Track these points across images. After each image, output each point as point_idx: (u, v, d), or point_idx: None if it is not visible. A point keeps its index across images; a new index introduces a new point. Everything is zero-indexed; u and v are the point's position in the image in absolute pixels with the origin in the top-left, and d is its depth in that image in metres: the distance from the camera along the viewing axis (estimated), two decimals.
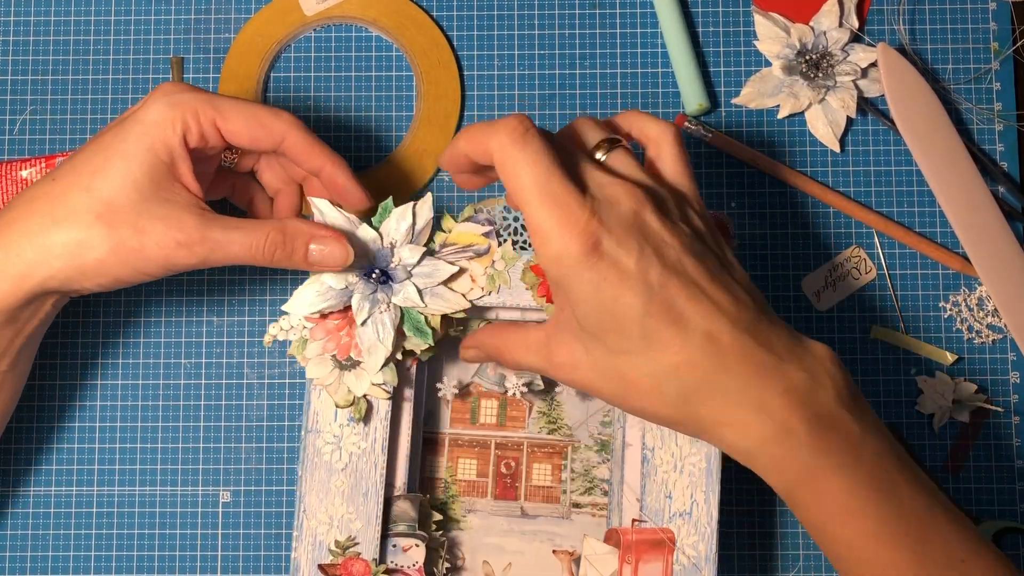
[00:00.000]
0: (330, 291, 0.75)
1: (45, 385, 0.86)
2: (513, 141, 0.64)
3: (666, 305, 0.63)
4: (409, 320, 0.75)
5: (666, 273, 0.63)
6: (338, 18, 0.88)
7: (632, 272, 0.63)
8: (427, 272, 0.76)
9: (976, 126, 0.88)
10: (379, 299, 0.75)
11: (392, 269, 0.76)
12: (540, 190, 0.63)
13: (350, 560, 0.76)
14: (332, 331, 0.76)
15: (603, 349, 0.65)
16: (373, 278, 0.75)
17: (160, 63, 0.89)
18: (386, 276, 0.76)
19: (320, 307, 0.75)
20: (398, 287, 0.76)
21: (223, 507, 0.85)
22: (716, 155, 0.88)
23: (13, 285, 0.70)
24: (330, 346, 0.76)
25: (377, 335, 0.75)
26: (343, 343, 0.76)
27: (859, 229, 0.87)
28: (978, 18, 0.89)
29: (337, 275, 0.75)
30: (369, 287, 0.75)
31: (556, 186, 0.63)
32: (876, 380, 0.86)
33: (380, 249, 0.76)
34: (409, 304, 0.75)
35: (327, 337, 0.76)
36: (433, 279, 0.76)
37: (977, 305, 0.86)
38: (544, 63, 0.89)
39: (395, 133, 0.88)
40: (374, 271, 0.75)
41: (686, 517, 0.76)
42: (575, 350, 0.66)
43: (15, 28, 0.89)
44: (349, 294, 0.75)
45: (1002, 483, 0.86)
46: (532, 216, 0.64)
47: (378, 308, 0.75)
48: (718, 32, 0.89)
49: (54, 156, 0.86)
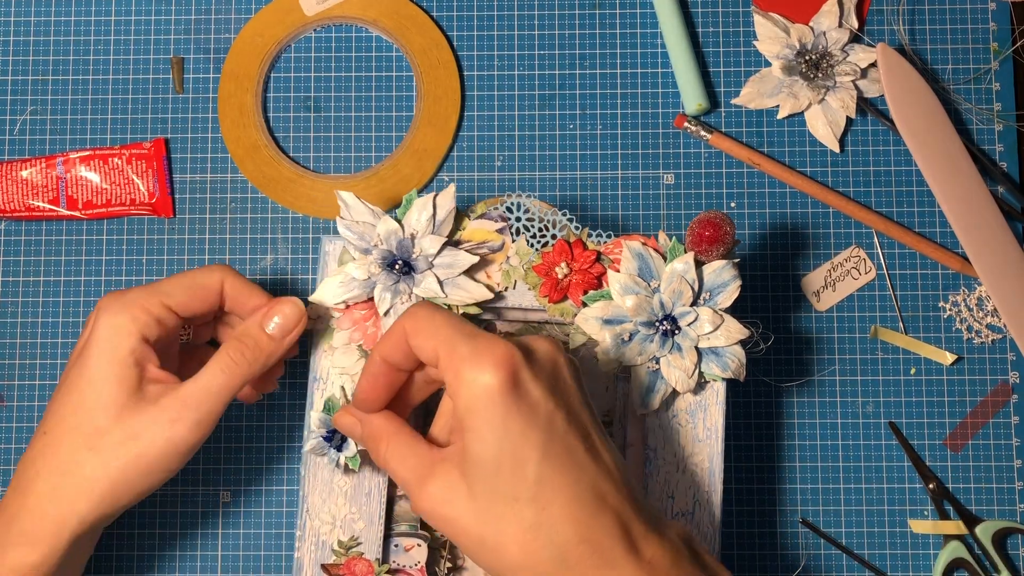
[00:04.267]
0: (353, 282, 0.76)
1: (45, 386, 0.86)
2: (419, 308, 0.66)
3: (567, 452, 0.62)
4: None
5: (569, 421, 0.63)
6: (338, 18, 0.88)
7: (542, 412, 0.62)
8: (448, 263, 0.76)
9: (976, 126, 0.88)
10: (401, 290, 0.76)
11: (413, 260, 0.76)
12: (457, 329, 0.63)
13: (353, 560, 0.76)
14: (358, 321, 0.77)
15: (489, 493, 0.62)
16: (395, 269, 0.76)
17: (160, 63, 0.89)
18: (408, 267, 0.76)
19: (344, 297, 0.76)
20: (420, 278, 0.76)
21: (223, 507, 0.85)
22: (716, 155, 0.88)
23: (52, 544, 0.71)
24: (356, 336, 0.77)
25: None
26: (369, 333, 0.77)
27: (859, 229, 0.87)
28: (978, 18, 0.89)
29: (360, 266, 0.75)
30: (391, 278, 0.76)
31: (473, 328, 0.64)
32: (876, 380, 0.86)
33: (402, 240, 0.76)
34: (430, 295, 0.76)
35: (354, 327, 0.77)
36: (454, 269, 0.76)
37: (977, 305, 0.87)
38: (544, 63, 0.89)
39: (395, 133, 0.88)
40: (396, 262, 0.76)
41: (689, 517, 0.76)
42: (455, 486, 0.63)
43: (15, 28, 0.89)
44: (372, 285, 0.76)
45: (1002, 483, 0.86)
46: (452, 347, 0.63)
47: (400, 298, 0.76)
48: (718, 32, 0.89)
49: (54, 156, 0.86)
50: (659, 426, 0.77)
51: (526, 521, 0.61)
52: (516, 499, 0.61)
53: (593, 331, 0.75)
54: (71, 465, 0.71)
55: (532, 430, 0.61)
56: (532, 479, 0.61)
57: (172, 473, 0.73)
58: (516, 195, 0.78)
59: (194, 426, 0.71)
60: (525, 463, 0.61)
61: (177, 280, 0.75)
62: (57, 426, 0.72)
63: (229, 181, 0.88)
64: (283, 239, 0.87)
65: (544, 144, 0.88)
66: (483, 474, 0.62)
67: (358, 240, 0.76)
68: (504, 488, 0.61)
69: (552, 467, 0.61)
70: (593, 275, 0.76)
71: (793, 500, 0.85)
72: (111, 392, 0.71)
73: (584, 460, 0.62)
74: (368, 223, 0.76)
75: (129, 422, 0.71)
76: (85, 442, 0.71)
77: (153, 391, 0.72)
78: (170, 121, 0.88)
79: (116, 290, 0.75)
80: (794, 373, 0.86)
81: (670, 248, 0.75)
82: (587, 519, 0.61)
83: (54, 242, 0.87)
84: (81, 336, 0.74)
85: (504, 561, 0.62)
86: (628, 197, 0.88)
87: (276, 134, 0.88)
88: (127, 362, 0.71)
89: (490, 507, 0.62)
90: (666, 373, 0.75)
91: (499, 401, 0.61)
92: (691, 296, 0.74)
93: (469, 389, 0.62)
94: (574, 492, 0.62)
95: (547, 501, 0.61)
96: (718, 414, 0.77)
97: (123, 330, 0.72)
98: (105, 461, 0.71)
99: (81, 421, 0.71)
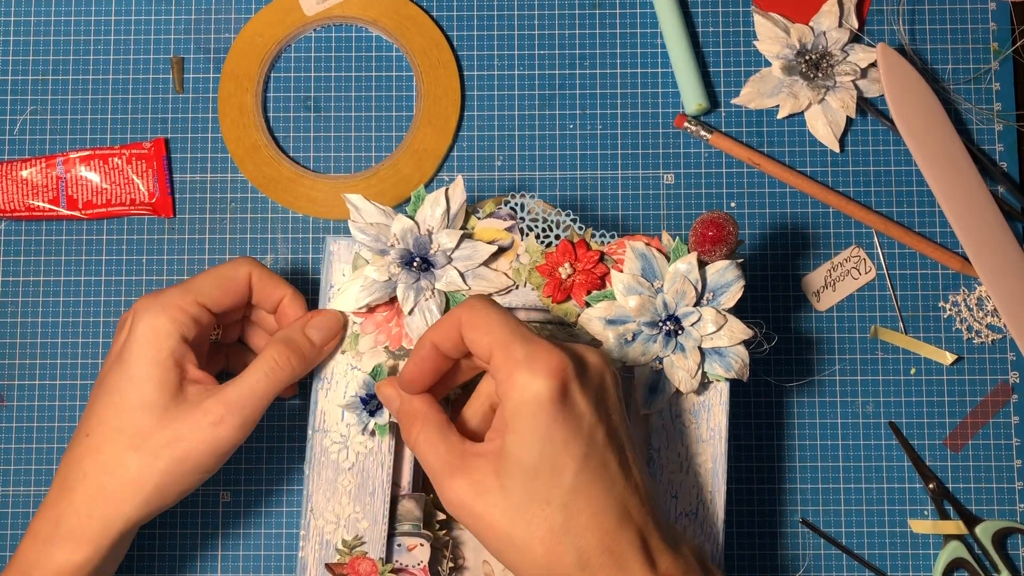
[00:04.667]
0: (374, 284, 0.76)
1: (45, 386, 0.86)
2: (477, 302, 0.66)
3: (602, 465, 0.64)
4: (454, 304, 0.76)
5: (609, 436, 0.65)
6: (338, 18, 0.88)
7: (585, 425, 0.63)
8: (467, 255, 0.76)
9: (976, 126, 0.88)
10: (423, 287, 0.76)
11: (432, 256, 0.76)
12: (513, 331, 0.64)
13: (357, 559, 0.76)
14: (381, 323, 0.77)
15: (523, 494, 0.63)
16: (415, 267, 0.75)
17: (160, 63, 0.89)
18: (427, 263, 0.76)
19: (366, 301, 0.76)
20: (440, 272, 0.76)
21: (223, 507, 0.85)
22: (716, 155, 0.88)
23: (98, 543, 0.72)
24: (381, 338, 0.77)
25: (425, 323, 0.75)
26: (394, 334, 0.77)
27: (859, 229, 0.87)
28: (978, 18, 0.89)
29: (379, 267, 0.75)
30: (412, 276, 0.76)
31: (528, 331, 0.65)
32: (876, 380, 0.86)
33: (418, 237, 0.76)
34: (453, 288, 0.76)
35: (377, 330, 0.77)
36: (474, 260, 0.76)
37: (977, 305, 0.87)
38: (544, 63, 0.89)
39: (395, 133, 0.88)
40: (415, 259, 0.76)
41: (692, 517, 0.76)
42: (488, 482, 0.64)
43: (15, 28, 0.89)
44: (393, 285, 0.76)
45: (1002, 483, 0.86)
46: (507, 348, 0.64)
47: (423, 296, 0.76)
48: (718, 32, 0.90)
49: (54, 156, 0.86)
50: (662, 426, 0.77)
51: (556, 525, 0.63)
52: (549, 503, 0.63)
53: (597, 331, 0.75)
54: (117, 467, 0.72)
55: (574, 441, 0.63)
56: (567, 486, 0.63)
57: (212, 473, 0.74)
58: (519, 195, 0.78)
59: (237, 429, 0.73)
60: (563, 471, 0.63)
61: (208, 277, 0.76)
62: (99, 426, 0.73)
63: (229, 181, 0.88)
64: (283, 239, 0.87)
65: (544, 144, 0.88)
66: (520, 476, 0.63)
67: (373, 242, 0.75)
68: (539, 491, 0.63)
69: (587, 478, 0.63)
70: (596, 275, 0.76)
71: (793, 500, 0.85)
72: (153, 394, 0.72)
73: (616, 474, 0.64)
74: (382, 224, 0.76)
75: (173, 424, 0.72)
76: (130, 443, 0.72)
77: (193, 391, 0.73)
78: (170, 121, 0.88)
79: (150, 292, 0.77)
80: (794, 373, 0.86)
81: (673, 248, 0.75)
82: (612, 530, 0.63)
83: (54, 242, 0.87)
84: (117, 338, 0.75)
85: (527, 559, 0.64)
86: (628, 197, 0.88)
87: (276, 134, 0.88)
88: (168, 363, 0.73)
89: (522, 507, 0.63)
90: (669, 373, 0.75)
91: (548, 409, 0.63)
92: (694, 296, 0.74)
93: (520, 394, 0.63)
94: (604, 503, 0.63)
95: (578, 509, 0.63)
96: (721, 414, 0.77)
97: (163, 331, 0.73)
98: (150, 462, 0.72)
99: (124, 423, 0.72)
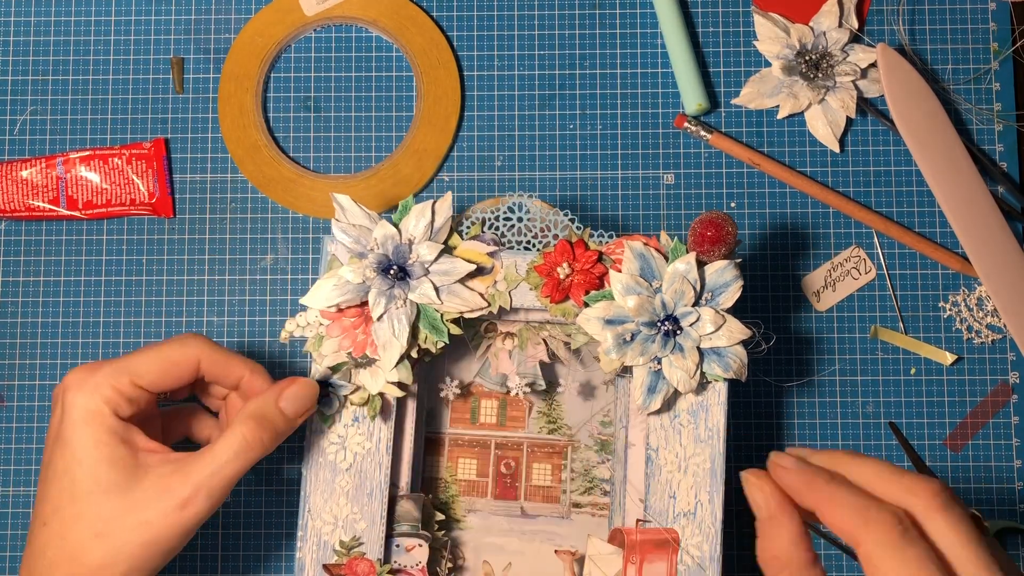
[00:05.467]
0: (347, 285, 0.75)
1: (45, 386, 0.86)
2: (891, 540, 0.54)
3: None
4: (425, 317, 0.75)
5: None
6: (338, 18, 0.88)
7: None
8: (445, 270, 0.76)
9: (976, 126, 0.88)
10: (396, 295, 0.75)
11: (409, 265, 0.75)
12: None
13: (355, 560, 0.76)
14: (348, 328, 0.76)
15: None
16: (391, 274, 0.75)
17: (160, 63, 0.89)
18: (404, 272, 0.75)
19: (337, 300, 0.75)
20: (415, 283, 0.75)
21: (223, 507, 0.85)
22: (716, 155, 0.88)
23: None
24: (346, 343, 0.76)
25: (392, 331, 0.75)
26: (359, 341, 0.76)
27: (859, 229, 0.87)
28: (978, 18, 0.89)
29: (355, 270, 0.75)
30: (386, 283, 0.75)
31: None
32: (876, 380, 0.86)
33: (398, 245, 0.75)
34: (425, 301, 0.75)
35: (343, 335, 0.76)
36: (451, 276, 0.76)
37: (977, 305, 0.87)
38: (544, 63, 0.89)
39: (395, 133, 0.88)
40: (392, 267, 0.75)
41: (690, 517, 0.76)
42: None
43: (15, 28, 0.89)
44: (366, 289, 0.75)
45: (1002, 483, 0.86)
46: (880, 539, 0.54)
47: (394, 304, 0.75)
48: (718, 32, 0.89)
49: (54, 156, 0.86)
50: (661, 426, 0.77)
51: None
52: None
53: (595, 331, 0.75)
54: (81, 555, 0.68)
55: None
56: None
57: (179, 551, 0.71)
58: (517, 195, 0.78)
59: (206, 511, 0.69)
60: None
61: (149, 356, 0.72)
62: (55, 514, 0.69)
63: (229, 181, 0.88)
64: (283, 239, 0.87)
65: (544, 144, 0.88)
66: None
67: (353, 243, 0.75)
68: None
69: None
70: (595, 275, 0.76)
71: None
72: (107, 475, 0.69)
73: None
74: (364, 227, 0.75)
75: (138, 509, 0.68)
76: (90, 529, 0.68)
77: (153, 461, 0.70)
78: (170, 121, 0.88)
79: (82, 365, 0.72)
80: (794, 373, 0.86)
81: (672, 248, 0.75)
82: None
83: (54, 242, 0.87)
84: (53, 415, 0.71)
85: None
86: (628, 197, 0.88)
87: (276, 134, 0.88)
88: (112, 442, 0.69)
89: None
90: (668, 373, 0.75)
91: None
92: (693, 296, 0.74)
93: None
94: None
95: None
96: (720, 414, 0.77)
97: (96, 412, 0.69)
98: (116, 548, 0.68)
99: (82, 509, 0.68)
